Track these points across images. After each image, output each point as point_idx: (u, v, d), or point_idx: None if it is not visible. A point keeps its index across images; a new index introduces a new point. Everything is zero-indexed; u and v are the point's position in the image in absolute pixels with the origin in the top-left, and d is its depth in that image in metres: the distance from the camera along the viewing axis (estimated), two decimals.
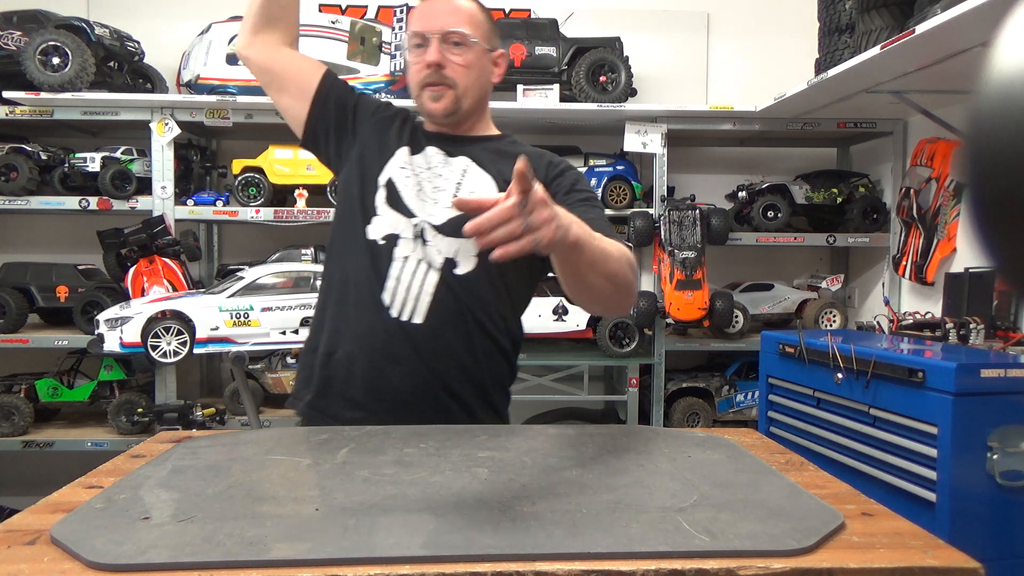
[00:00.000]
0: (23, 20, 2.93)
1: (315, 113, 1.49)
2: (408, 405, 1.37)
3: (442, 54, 1.38)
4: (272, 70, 1.49)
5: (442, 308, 1.36)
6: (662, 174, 3.07)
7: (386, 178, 1.43)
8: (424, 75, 1.40)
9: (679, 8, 3.54)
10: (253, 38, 1.48)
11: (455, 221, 1.37)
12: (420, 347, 1.36)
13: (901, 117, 3.04)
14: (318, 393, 1.41)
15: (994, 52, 0.41)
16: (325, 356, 1.41)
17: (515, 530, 0.80)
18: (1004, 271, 0.43)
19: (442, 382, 1.38)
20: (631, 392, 3.04)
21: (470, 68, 1.41)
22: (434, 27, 1.39)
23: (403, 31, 3.12)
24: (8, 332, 2.89)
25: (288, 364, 3.10)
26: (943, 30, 1.86)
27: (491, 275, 1.39)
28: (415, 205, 1.41)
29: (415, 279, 1.37)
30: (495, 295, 1.41)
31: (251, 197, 3.01)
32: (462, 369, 1.39)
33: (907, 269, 2.92)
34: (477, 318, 1.39)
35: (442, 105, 1.41)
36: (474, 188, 1.41)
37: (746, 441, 1.25)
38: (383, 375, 1.37)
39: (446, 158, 1.45)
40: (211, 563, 0.72)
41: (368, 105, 1.53)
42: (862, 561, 0.75)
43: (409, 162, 1.45)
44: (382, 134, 1.49)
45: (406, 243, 1.38)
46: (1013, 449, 1.70)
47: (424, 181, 1.43)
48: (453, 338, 1.38)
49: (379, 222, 1.41)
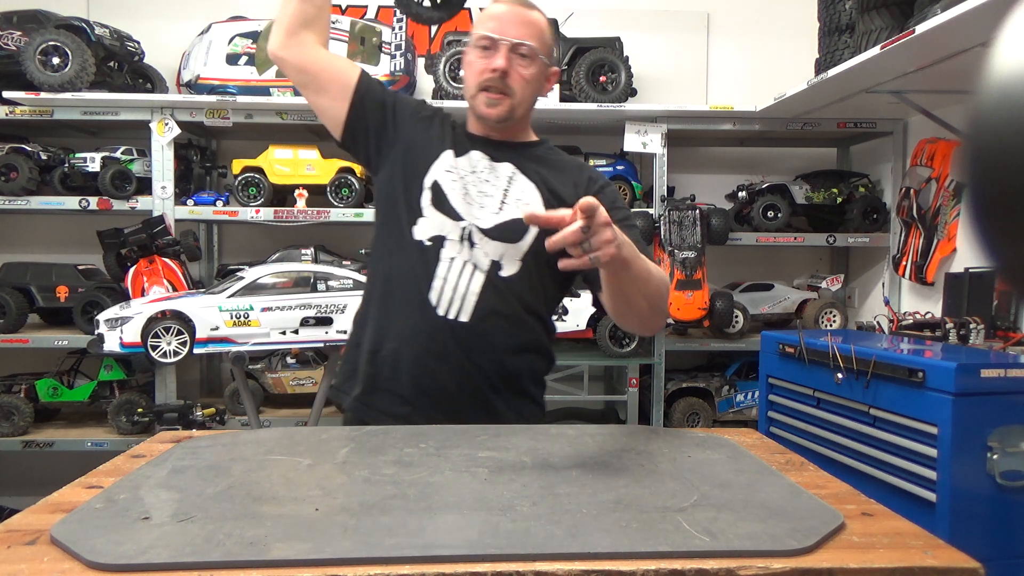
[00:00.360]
0: (23, 20, 2.93)
1: (354, 113, 1.50)
2: (453, 400, 1.43)
3: (509, 62, 1.43)
4: (310, 71, 1.50)
5: (487, 307, 1.42)
6: (662, 174, 3.07)
7: (431, 180, 1.47)
8: (486, 78, 1.44)
9: (679, 8, 3.54)
10: (289, 39, 1.48)
11: (502, 226, 1.44)
12: (466, 344, 1.42)
13: (901, 117, 3.04)
14: (365, 389, 1.47)
15: (994, 52, 0.41)
16: (371, 353, 1.46)
17: (515, 530, 0.80)
18: (1004, 271, 0.43)
19: (485, 377, 1.44)
20: (631, 392, 3.04)
21: (530, 82, 1.46)
22: (507, 35, 1.43)
23: (403, 31, 3.12)
24: (8, 332, 2.89)
25: (288, 364, 3.10)
26: (943, 30, 1.86)
27: (531, 277, 1.46)
28: (462, 208, 1.45)
29: (462, 279, 1.42)
30: (534, 295, 1.48)
31: (251, 197, 3.01)
32: (504, 364, 1.46)
33: (907, 269, 2.92)
34: (519, 316, 1.46)
35: (497, 112, 1.46)
36: (520, 195, 1.47)
37: (746, 441, 1.25)
38: (430, 372, 1.42)
39: (491, 163, 1.50)
40: (211, 563, 0.72)
41: (407, 104, 1.56)
42: (862, 561, 0.75)
43: (454, 165, 1.48)
44: (424, 135, 1.52)
45: (452, 244, 1.43)
46: (1013, 449, 1.70)
47: (470, 185, 1.47)
48: (497, 335, 1.44)
49: (425, 223, 1.45)
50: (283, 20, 1.48)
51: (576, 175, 1.53)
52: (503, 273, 1.44)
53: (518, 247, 1.44)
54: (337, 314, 2.64)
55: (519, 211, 1.43)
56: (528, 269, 1.44)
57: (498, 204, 1.46)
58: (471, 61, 1.47)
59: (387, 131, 1.52)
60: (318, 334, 2.64)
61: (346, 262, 3.10)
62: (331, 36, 3.00)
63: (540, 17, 1.48)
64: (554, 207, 1.34)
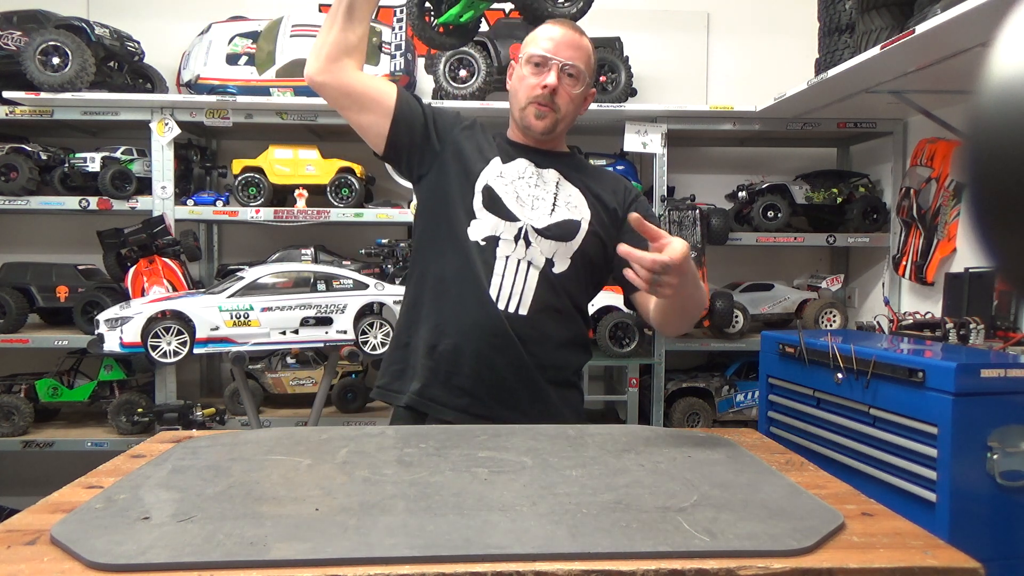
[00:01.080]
0: (23, 20, 2.93)
1: (397, 128, 1.58)
2: (512, 391, 1.53)
3: (560, 81, 1.55)
4: (353, 93, 1.57)
5: (542, 301, 1.54)
6: (662, 174, 3.07)
7: (483, 184, 1.57)
8: (537, 94, 1.56)
9: (679, 8, 3.54)
10: (331, 65, 1.54)
11: (555, 226, 1.57)
12: (524, 336, 1.52)
13: (901, 117, 3.03)
14: (426, 383, 1.54)
15: (994, 52, 0.41)
16: (429, 348, 1.54)
17: (515, 530, 0.80)
18: (1004, 271, 0.43)
19: (541, 368, 1.55)
20: (631, 392, 3.04)
21: (574, 100, 1.60)
22: (561, 56, 1.55)
23: (403, 31, 3.12)
24: (8, 332, 2.89)
25: (288, 364, 3.10)
26: (943, 30, 1.86)
27: (579, 274, 1.58)
28: (516, 210, 1.56)
29: (519, 275, 1.53)
30: (580, 291, 1.62)
31: (251, 197, 3.01)
32: (556, 356, 1.58)
33: (907, 269, 2.92)
34: (569, 311, 1.60)
35: (544, 124, 1.58)
36: (569, 199, 1.60)
37: (746, 441, 1.26)
38: (489, 364, 1.52)
39: (537, 169, 1.62)
40: (211, 563, 0.72)
41: (446, 115, 1.66)
42: (862, 561, 0.75)
43: (503, 171, 1.60)
44: (472, 143, 1.63)
45: (507, 244, 1.54)
46: (1013, 449, 1.70)
47: (520, 189, 1.59)
48: (551, 328, 1.56)
49: (478, 224, 1.55)
50: (324, 47, 1.54)
51: (613, 184, 1.68)
52: (556, 270, 1.56)
53: (570, 246, 1.56)
54: (337, 314, 2.64)
55: (569, 213, 1.58)
56: (576, 267, 1.57)
57: (550, 206, 1.58)
58: (523, 76, 1.59)
59: (431, 142, 1.61)
60: (318, 334, 2.64)
61: (346, 262, 3.10)
62: None
63: (588, 43, 1.60)
64: (597, 209, 1.60)
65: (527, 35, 1.63)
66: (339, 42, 1.54)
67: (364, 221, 2.99)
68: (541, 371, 1.55)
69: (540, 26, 1.62)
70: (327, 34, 1.55)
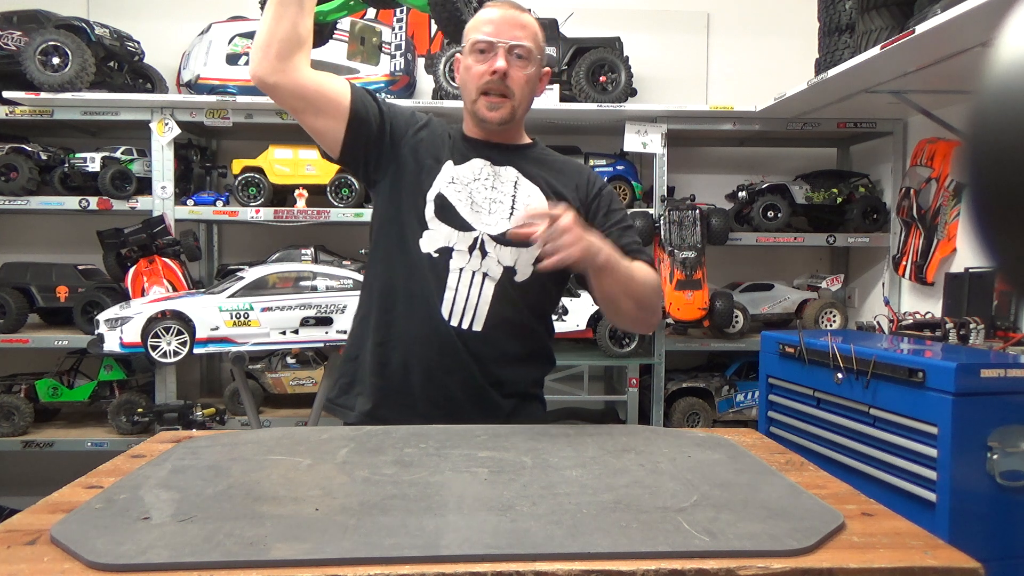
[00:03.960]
0: (23, 20, 2.93)
1: (353, 133, 1.47)
2: (464, 409, 1.45)
3: (508, 64, 1.44)
4: (306, 95, 1.44)
5: (498, 315, 1.45)
6: (662, 174, 3.07)
7: (435, 192, 1.48)
8: (486, 81, 1.45)
9: (679, 8, 3.54)
10: (282, 64, 1.39)
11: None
12: (478, 353, 1.45)
13: (901, 117, 3.03)
14: (376, 404, 1.47)
15: (994, 52, 0.41)
16: (378, 366, 1.47)
17: (515, 530, 0.80)
18: (1004, 271, 0.43)
19: (497, 384, 1.48)
20: (631, 392, 3.04)
21: (528, 82, 1.49)
22: (505, 37, 1.44)
23: (403, 31, 3.12)
24: (8, 332, 2.89)
25: (288, 364, 3.10)
26: (943, 30, 1.86)
27: (542, 280, 1.47)
28: (470, 217, 1.47)
29: (472, 289, 1.44)
30: (543, 298, 1.54)
31: (251, 197, 3.01)
32: (514, 371, 1.50)
33: (907, 269, 2.92)
34: (529, 321, 1.51)
35: (499, 115, 1.48)
36: (528, 199, 1.49)
37: (746, 441, 1.25)
38: (440, 384, 1.45)
39: (493, 168, 1.51)
40: (211, 563, 0.72)
41: (401, 115, 1.55)
42: (862, 561, 0.75)
43: (457, 176, 1.50)
44: (423, 147, 1.52)
45: (460, 255, 1.45)
46: (1013, 449, 1.70)
47: (475, 193, 1.49)
48: (508, 342, 1.48)
49: (431, 236, 1.46)
50: (273, 43, 1.38)
51: (576, 176, 1.56)
52: (518, 278, 1.47)
53: (532, 251, 1.43)
54: (337, 314, 2.64)
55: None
56: (537, 273, 1.46)
57: (508, 210, 1.48)
58: (468, 66, 1.48)
59: (384, 146, 1.51)
60: (318, 334, 2.64)
61: (346, 262, 3.10)
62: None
63: (532, 19, 1.50)
64: None
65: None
66: (290, 36, 1.38)
67: (364, 221, 2.99)
68: (497, 387, 1.48)
69: (479, 12, 1.50)
70: (275, 25, 1.38)
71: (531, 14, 1.51)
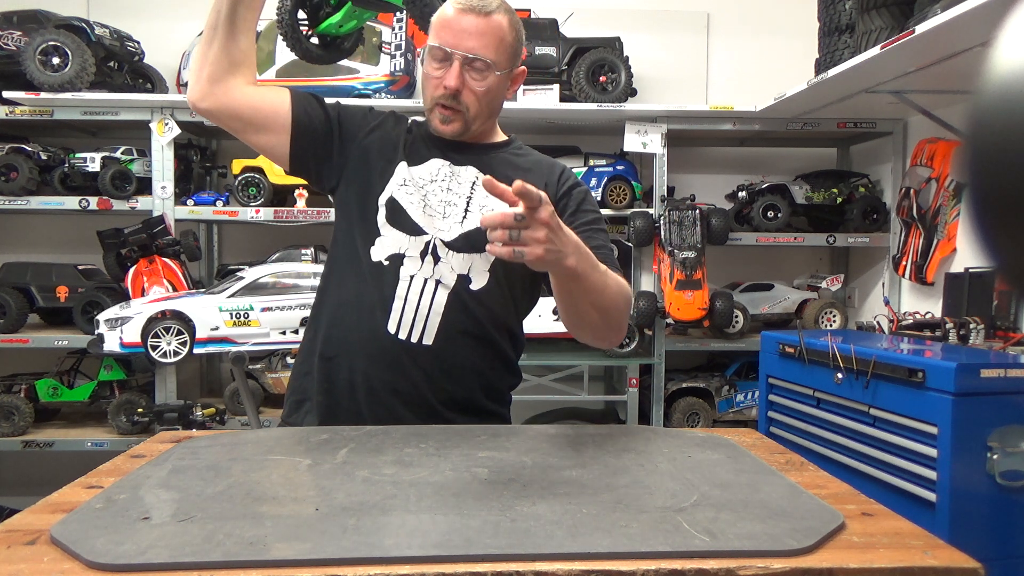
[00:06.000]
0: (23, 20, 2.93)
1: (297, 142, 1.40)
2: (414, 427, 1.34)
3: (462, 79, 1.34)
4: (243, 116, 1.38)
5: (452, 327, 1.34)
6: (662, 174, 3.07)
7: (387, 197, 1.39)
8: (440, 94, 1.35)
9: (679, 8, 3.54)
10: (214, 87, 1.35)
11: (467, 236, 1.36)
12: (428, 369, 1.34)
13: (901, 117, 3.03)
14: (324, 423, 1.37)
15: (994, 52, 0.41)
16: (326, 384, 1.38)
17: (515, 530, 0.80)
18: (1004, 271, 0.43)
19: (449, 400, 1.37)
20: (631, 392, 3.04)
21: (487, 94, 1.37)
22: (460, 48, 1.33)
23: (403, 31, 3.12)
24: (8, 332, 2.89)
25: (288, 364, 3.10)
26: (943, 30, 1.86)
27: (502, 288, 1.37)
28: (422, 221, 1.37)
29: (423, 299, 1.33)
30: (505, 308, 1.40)
31: (251, 197, 3.01)
32: (470, 387, 1.38)
33: (907, 269, 2.92)
34: (488, 333, 1.38)
35: (451, 128, 1.38)
36: (486, 201, 1.37)
37: (746, 441, 1.25)
38: (386, 405, 1.34)
39: (452, 168, 1.42)
40: (211, 563, 0.72)
41: (352, 117, 1.46)
42: (862, 561, 0.75)
43: (409, 177, 1.40)
44: (374, 149, 1.44)
45: (412, 262, 1.35)
46: (1013, 449, 1.70)
47: (430, 195, 1.39)
48: (463, 356, 1.36)
49: (382, 242, 1.37)
50: (204, 67, 1.35)
51: (548, 175, 1.44)
52: (473, 286, 1.35)
53: (485, 257, 1.35)
54: None
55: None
56: (497, 281, 1.36)
57: (462, 213, 1.37)
58: (426, 72, 1.38)
59: (332, 151, 1.44)
60: None
61: None
62: None
63: (500, 19, 1.35)
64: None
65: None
66: (220, 59, 1.34)
67: None
68: (448, 406, 1.36)
69: (443, 5, 1.37)
70: (207, 50, 1.34)
71: (501, 12, 1.35)
